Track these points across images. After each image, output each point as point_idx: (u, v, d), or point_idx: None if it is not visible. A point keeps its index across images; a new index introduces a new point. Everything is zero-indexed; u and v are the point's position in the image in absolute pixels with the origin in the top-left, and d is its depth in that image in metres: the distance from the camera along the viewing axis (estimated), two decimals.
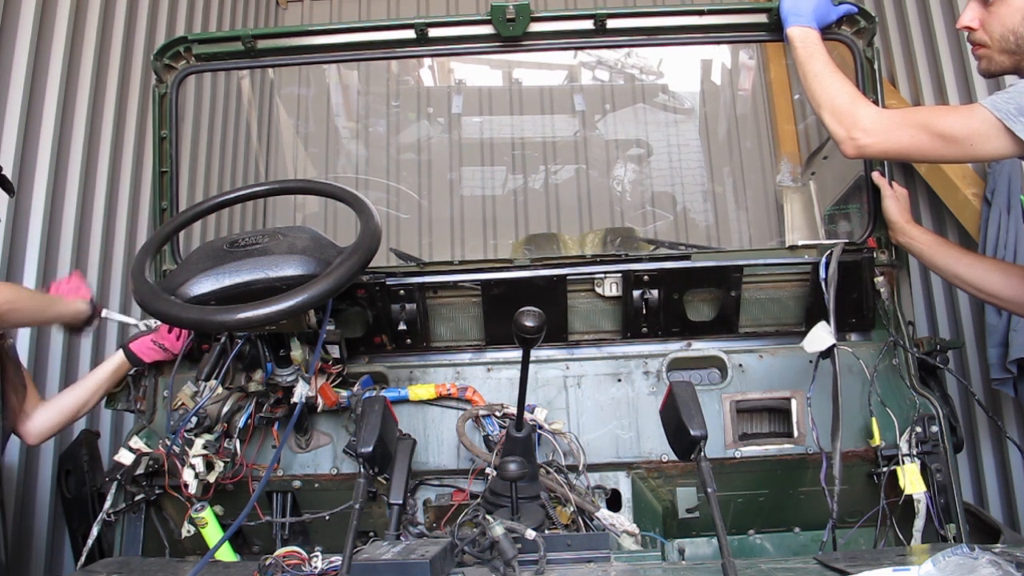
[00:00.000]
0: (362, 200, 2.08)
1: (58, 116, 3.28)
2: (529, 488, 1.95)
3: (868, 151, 2.04)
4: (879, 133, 1.99)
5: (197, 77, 3.81)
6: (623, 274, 2.33)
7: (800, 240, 3.52)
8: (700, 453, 1.68)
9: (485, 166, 6.11)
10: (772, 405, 2.33)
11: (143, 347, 2.37)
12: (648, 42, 2.44)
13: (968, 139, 1.91)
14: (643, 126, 6.10)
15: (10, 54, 3.07)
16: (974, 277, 2.28)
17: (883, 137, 2.00)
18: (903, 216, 2.35)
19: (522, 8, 2.28)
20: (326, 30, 2.41)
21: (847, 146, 2.04)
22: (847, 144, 2.04)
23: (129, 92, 3.88)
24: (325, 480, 2.29)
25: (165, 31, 4.27)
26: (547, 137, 6.13)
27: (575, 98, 6.22)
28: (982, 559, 1.35)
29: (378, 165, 6.03)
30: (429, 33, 2.36)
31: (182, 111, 2.87)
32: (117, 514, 2.24)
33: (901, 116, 2.03)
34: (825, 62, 2.14)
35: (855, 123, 2.01)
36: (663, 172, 6.05)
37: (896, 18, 3.95)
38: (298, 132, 6.10)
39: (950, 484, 2.17)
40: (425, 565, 1.51)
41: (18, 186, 2.96)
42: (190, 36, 2.43)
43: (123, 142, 3.82)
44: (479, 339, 2.43)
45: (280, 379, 2.13)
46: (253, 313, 1.77)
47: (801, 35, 2.20)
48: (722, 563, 1.54)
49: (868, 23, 2.32)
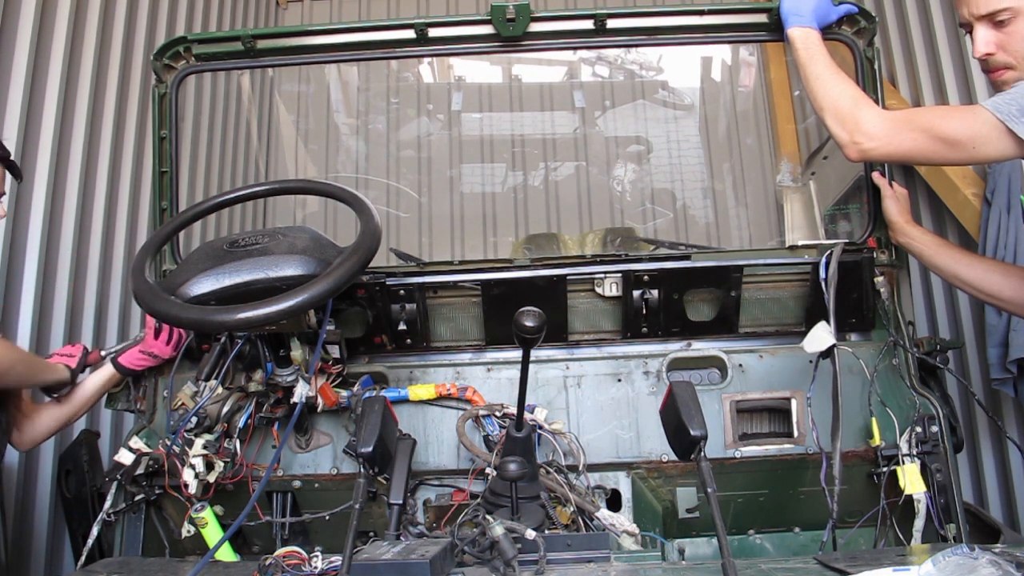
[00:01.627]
0: (362, 200, 2.08)
1: (58, 116, 3.28)
2: (529, 488, 1.95)
3: (871, 155, 2.03)
4: (882, 137, 1.98)
5: (197, 77, 3.80)
6: (623, 274, 2.33)
7: (800, 240, 3.52)
8: (700, 453, 1.68)
9: (485, 163, 6.11)
10: (772, 405, 2.33)
11: (132, 359, 2.37)
12: (648, 42, 2.45)
13: (971, 142, 1.90)
14: (643, 122, 6.10)
15: (10, 54, 3.07)
16: (974, 277, 2.28)
17: (886, 141, 1.99)
18: (903, 216, 2.35)
19: (522, 8, 2.28)
20: (326, 30, 2.41)
21: (850, 150, 2.03)
22: (850, 148, 2.03)
23: (129, 92, 3.88)
24: (325, 480, 2.29)
25: (165, 31, 4.27)
26: (547, 134, 6.12)
27: (575, 94, 6.22)
28: (982, 559, 1.35)
29: (378, 162, 6.03)
30: (429, 33, 2.36)
31: (182, 111, 2.87)
32: (117, 514, 2.24)
33: (904, 119, 2.02)
34: (827, 63, 2.13)
35: (858, 127, 2.00)
36: (663, 168, 6.05)
37: (896, 18, 3.95)
38: (298, 129, 6.10)
39: (950, 484, 2.17)
40: (425, 565, 1.51)
41: (18, 186, 2.96)
42: (189, 36, 2.43)
43: (123, 142, 3.82)
44: (479, 339, 2.43)
45: (280, 379, 2.13)
46: (253, 313, 1.77)
47: (802, 36, 2.19)
48: (722, 563, 1.54)
49: (868, 23, 2.32)
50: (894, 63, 3.95)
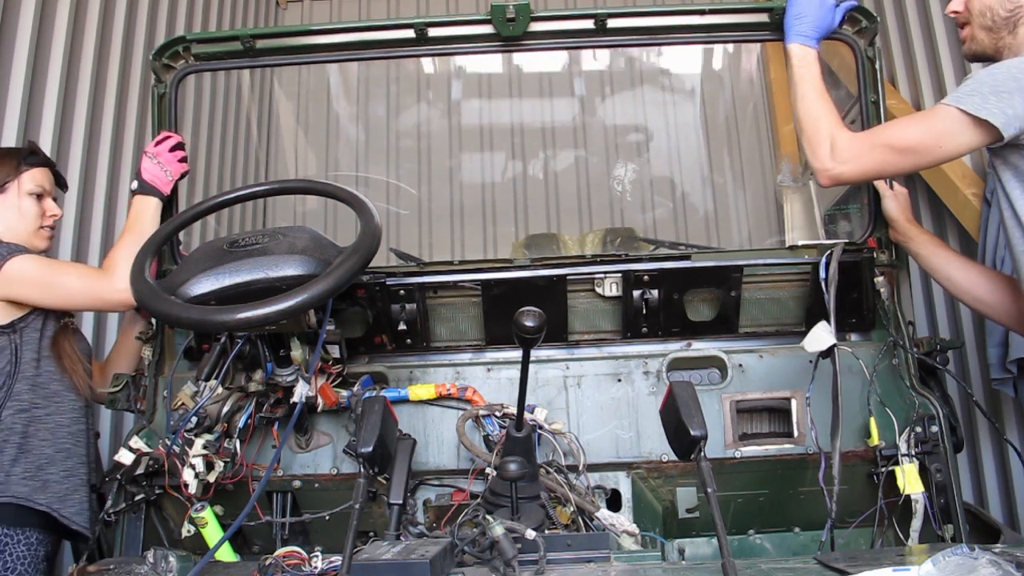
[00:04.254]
0: (362, 200, 2.08)
1: (58, 116, 3.28)
2: (529, 488, 1.95)
3: (842, 179, 2.11)
4: (849, 161, 2.06)
5: (197, 76, 3.81)
6: (623, 274, 2.33)
7: (800, 240, 3.52)
8: (700, 453, 1.68)
9: (484, 151, 6.12)
10: (772, 405, 2.33)
11: (155, 177, 2.43)
12: (648, 42, 2.46)
13: (936, 143, 1.97)
14: (641, 106, 6.11)
15: (10, 54, 3.06)
16: (963, 280, 2.33)
17: (854, 164, 2.07)
18: (904, 214, 2.37)
19: (522, 8, 2.28)
20: (326, 30, 2.41)
21: (820, 176, 2.13)
22: (821, 175, 2.12)
23: (129, 92, 3.88)
24: (325, 480, 2.29)
25: (165, 31, 4.26)
26: (546, 123, 6.13)
27: (575, 81, 6.23)
28: (982, 559, 1.35)
29: (378, 149, 6.03)
30: (429, 33, 2.36)
31: (182, 110, 2.87)
32: (117, 514, 2.24)
33: (868, 140, 2.10)
34: (815, 86, 2.18)
35: (829, 155, 2.08)
36: (662, 155, 6.06)
37: (896, 18, 3.95)
38: (298, 120, 6.10)
39: (950, 484, 2.17)
40: (425, 565, 1.51)
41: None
42: (188, 36, 2.43)
43: (123, 142, 3.81)
44: (479, 339, 2.43)
45: (280, 379, 2.13)
46: (253, 313, 1.77)
47: (800, 53, 2.23)
48: (722, 563, 1.54)
49: (870, 22, 2.32)
50: (894, 63, 3.95)
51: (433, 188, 5.95)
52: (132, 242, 2.30)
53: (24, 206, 2.41)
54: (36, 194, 2.44)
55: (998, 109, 1.87)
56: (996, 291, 2.28)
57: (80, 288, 2.33)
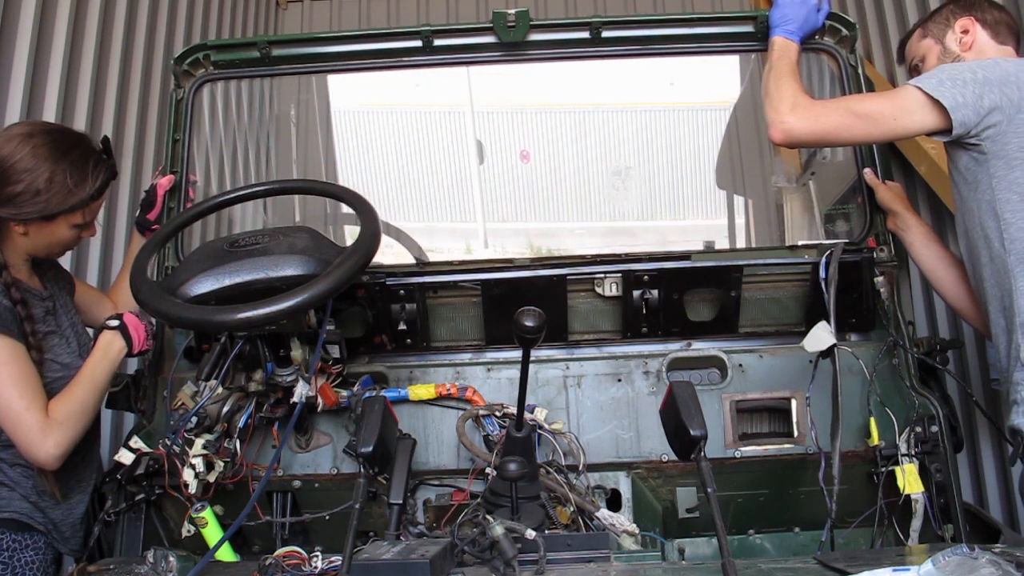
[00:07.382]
0: (363, 200, 2.09)
1: (58, 116, 3.28)
2: (529, 488, 1.95)
3: (794, 134, 2.11)
4: (807, 119, 2.09)
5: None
6: (623, 274, 2.33)
7: (800, 240, 3.52)
8: (700, 453, 1.68)
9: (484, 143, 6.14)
10: (772, 405, 2.33)
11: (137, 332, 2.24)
12: (642, 51, 2.54)
13: (892, 115, 2.05)
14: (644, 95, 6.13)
15: (10, 54, 3.06)
16: (944, 277, 2.37)
17: (811, 122, 2.10)
18: (901, 203, 2.39)
19: (521, 15, 2.43)
20: (334, 38, 2.60)
21: (774, 129, 2.13)
22: (775, 127, 2.13)
23: (129, 91, 3.87)
24: (325, 480, 2.29)
25: (165, 31, 4.26)
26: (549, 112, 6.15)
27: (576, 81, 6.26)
28: (982, 559, 1.35)
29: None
30: (434, 42, 2.50)
31: (196, 116, 2.91)
32: (117, 514, 2.24)
33: (832, 103, 2.17)
34: (790, 66, 2.23)
35: (788, 108, 2.11)
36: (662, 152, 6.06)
37: (896, 19, 3.96)
38: (297, 108, 6.11)
39: (950, 484, 2.17)
40: (425, 565, 1.51)
41: None
42: (209, 43, 2.56)
43: (123, 142, 3.81)
44: (479, 339, 2.43)
45: (280, 379, 2.13)
46: (253, 313, 1.77)
47: (782, 43, 2.30)
48: (722, 563, 1.54)
49: (849, 31, 2.44)
50: (894, 63, 3.95)
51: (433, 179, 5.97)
52: (85, 393, 2.10)
53: (62, 235, 2.16)
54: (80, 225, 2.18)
55: (950, 93, 1.98)
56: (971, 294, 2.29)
57: (12, 424, 2.01)
